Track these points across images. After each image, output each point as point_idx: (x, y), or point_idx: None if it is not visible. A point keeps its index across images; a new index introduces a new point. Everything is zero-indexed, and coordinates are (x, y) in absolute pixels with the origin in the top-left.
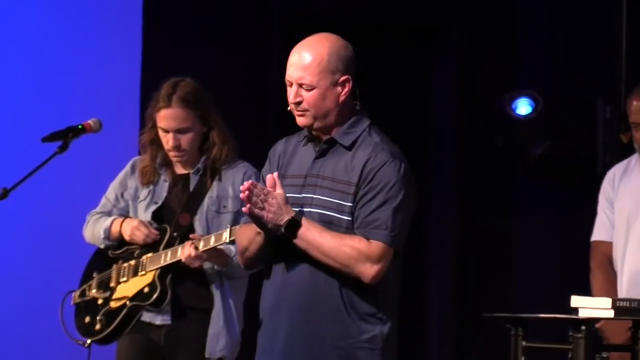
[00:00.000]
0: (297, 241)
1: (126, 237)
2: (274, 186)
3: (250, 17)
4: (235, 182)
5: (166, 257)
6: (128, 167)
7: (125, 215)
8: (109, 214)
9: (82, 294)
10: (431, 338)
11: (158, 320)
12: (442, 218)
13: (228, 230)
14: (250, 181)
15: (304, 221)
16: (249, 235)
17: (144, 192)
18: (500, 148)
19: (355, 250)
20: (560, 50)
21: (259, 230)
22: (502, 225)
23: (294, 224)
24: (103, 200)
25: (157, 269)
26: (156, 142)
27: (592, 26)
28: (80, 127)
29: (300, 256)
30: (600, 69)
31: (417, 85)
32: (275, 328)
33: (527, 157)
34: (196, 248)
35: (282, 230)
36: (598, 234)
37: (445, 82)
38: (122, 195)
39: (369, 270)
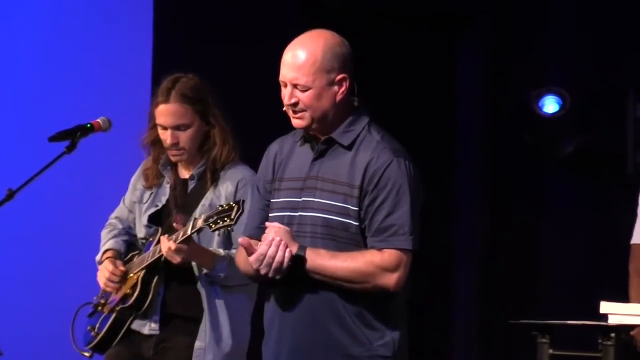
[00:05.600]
0: (309, 273)
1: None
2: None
3: (267, 10)
4: (227, 188)
5: (149, 256)
6: (139, 169)
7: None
8: (121, 221)
9: (96, 302)
10: (457, 343)
11: (146, 329)
12: (469, 216)
13: (192, 220)
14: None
15: (309, 252)
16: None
17: (147, 195)
18: (528, 145)
19: (370, 266)
20: (589, 45)
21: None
22: (530, 224)
23: (299, 259)
24: (120, 204)
25: (141, 269)
26: (159, 143)
27: (621, 21)
28: (88, 125)
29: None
30: (630, 64)
31: (444, 81)
32: (280, 339)
33: (556, 154)
34: (175, 241)
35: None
36: (638, 237)
37: (472, 78)
38: (131, 198)
39: (390, 280)
